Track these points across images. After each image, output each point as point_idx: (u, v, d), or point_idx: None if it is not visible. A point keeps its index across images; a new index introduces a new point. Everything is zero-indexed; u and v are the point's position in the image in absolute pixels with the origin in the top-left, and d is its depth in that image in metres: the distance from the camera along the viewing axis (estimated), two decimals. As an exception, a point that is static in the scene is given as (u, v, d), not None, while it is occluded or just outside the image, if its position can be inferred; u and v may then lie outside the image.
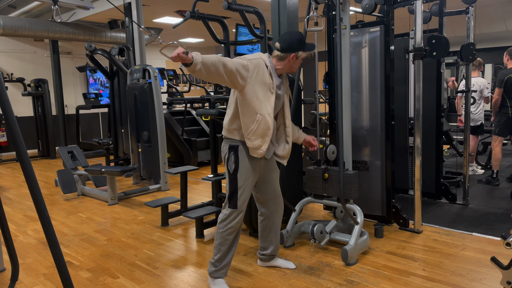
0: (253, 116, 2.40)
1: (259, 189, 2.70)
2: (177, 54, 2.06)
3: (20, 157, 1.38)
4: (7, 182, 6.38)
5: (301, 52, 2.50)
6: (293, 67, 2.55)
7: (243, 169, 2.48)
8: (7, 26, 7.57)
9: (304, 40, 2.54)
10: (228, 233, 2.52)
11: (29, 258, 3.24)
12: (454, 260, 2.96)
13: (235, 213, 2.50)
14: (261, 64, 2.41)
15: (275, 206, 2.75)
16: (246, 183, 2.49)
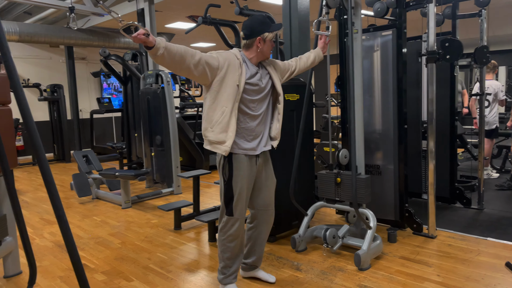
0: (220, 108, 2.31)
1: (251, 197, 2.60)
2: (136, 34, 1.95)
3: (40, 163, 1.41)
4: (24, 186, 6.50)
5: (267, 34, 2.39)
6: (265, 52, 2.43)
7: (238, 177, 2.41)
8: (23, 33, 7.74)
9: (268, 22, 2.42)
10: (228, 241, 2.48)
11: (46, 261, 3.30)
12: (469, 265, 2.92)
13: (232, 221, 2.45)
14: (230, 56, 2.34)
15: (264, 216, 2.63)
16: (241, 190, 2.42)
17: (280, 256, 3.20)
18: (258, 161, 2.50)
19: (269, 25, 2.40)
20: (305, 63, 2.81)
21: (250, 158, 2.45)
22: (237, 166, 2.40)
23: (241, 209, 2.45)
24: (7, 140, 2.63)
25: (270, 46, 2.44)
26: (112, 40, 9.03)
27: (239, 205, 2.43)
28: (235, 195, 2.41)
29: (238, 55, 2.39)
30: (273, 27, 2.41)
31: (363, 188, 3.10)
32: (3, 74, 2.74)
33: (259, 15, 2.45)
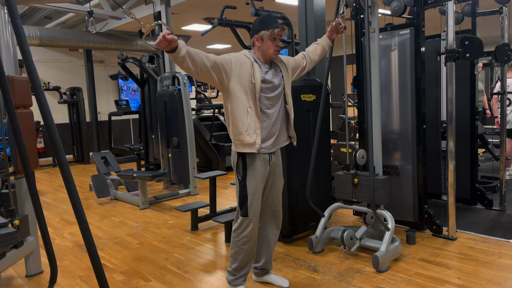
0: (244, 110, 2.32)
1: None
2: (162, 36, 1.92)
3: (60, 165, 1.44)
4: (45, 187, 6.64)
5: (263, 32, 2.35)
6: (265, 50, 2.39)
7: (252, 175, 2.41)
8: (43, 37, 7.92)
9: (267, 20, 2.37)
10: (243, 242, 2.46)
11: (66, 261, 3.36)
12: (490, 268, 2.86)
13: (246, 221, 2.43)
14: (241, 57, 2.35)
15: (270, 216, 2.62)
16: (255, 190, 2.42)
17: (297, 258, 3.18)
18: (271, 160, 2.49)
19: (267, 23, 2.35)
20: (313, 57, 2.77)
21: (264, 157, 2.44)
22: (251, 165, 2.40)
23: (256, 210, 2.44)
24: (28, 142, 2.69)
25: (271, 45, 2.38)
26: (130, 43, 9.16)
27: (253, 205, 2.42)
28: (249, 194, 2.41)
29: (248, 54, 2.39)
30: (269, 24, 2.35)
31: (381, 189, 3.06)
32: (25, 77, 2.80)
33: (262, 15, 2.42)
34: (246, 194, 2.41)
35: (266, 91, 2.39)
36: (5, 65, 2.82)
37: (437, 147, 4.21)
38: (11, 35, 2.90)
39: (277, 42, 2.38)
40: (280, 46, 2.42)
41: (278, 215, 2.65)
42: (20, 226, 2.72)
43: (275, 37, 2.36)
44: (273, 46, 2.37)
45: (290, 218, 3.41)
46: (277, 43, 2.38)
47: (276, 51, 2.40)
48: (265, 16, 2.40)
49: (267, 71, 2.42)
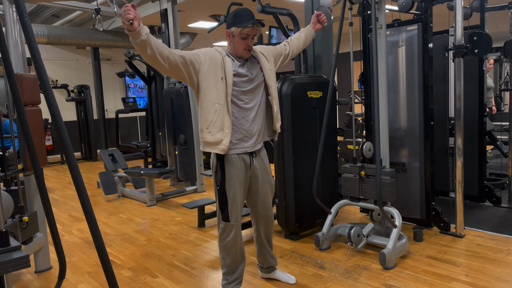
0: (211, 106, 2.21)
1: (249, 201, 2.53)
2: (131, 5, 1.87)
3: (69, 161, 1.45)
4: (53, 184, 6.70)
5: (234, 28, 2.21)
6: (236, 47, 2.26)
7: (230, 181, 2.30)
8: (51, 35, 7.97)
9: (242, 15, 2.21)
10: (228, 248, 2.40)
11: (74, 257, 3.40)
12: (499, 265, 2.84)
13: (229, 227, 2.36)
14: (211, 52, 2.24)
15: (263, 220, 2.55)
16: (235, 195, 2.32)
17: (303, 254, 3.19)
18: (252, 163, 2.38)
19: (240, 19, 2.21)
20: (297, 44, 2.68)
21: (244, 161, 2.34)
22: (229, 170, 2.30)
23: (237, 215, 2.35)
24: (37, 140, 2.72)
25: (241, 43, 2.24)
26: (136, 40, 9.17)
27: (234, 210, 2.33)
28: (229, 200, 2.32)
29: (220, 49, 2.29)
30: (241, 21, 2.20)
31: (388, 186, 3.05)
32: (33, 75, 2.83)
33: (240, 9, 2.25)
34: (226, 200, 2.32)
35: (241, 84, 2.28)
36: (14, 63, 2.85)
37: (445, 144, 4.18)
38: (19, 33, 2.93)
39: (248, 42, 2.24)
40: (251, 46, 2.28)
41: (270, 218, 2.58)
42: (29, 222, 2.75)
43: (245, 36, 2.22)
44: (244, 44, 2.24)
45: (296, 215, 3.41)
46: (248, 42, 2.24)
47: (247, 50, 2.27)
48: (240, 11, 2.24)
49: (240, 64, 2.31)
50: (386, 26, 3.17)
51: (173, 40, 6.69)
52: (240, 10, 2.24)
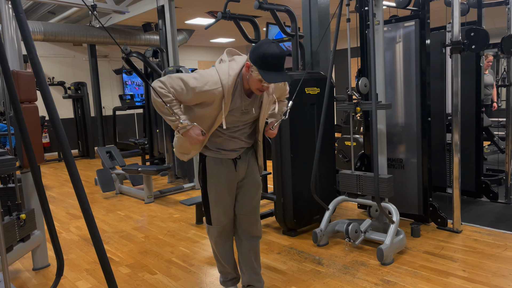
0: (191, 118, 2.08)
1: None
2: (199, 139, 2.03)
3: (66, 159, 1.45)
4: (50, 181, 6.69)
5: (255, 69, 1.92)
6: (250, 83, 2.00)
7: (211, 183, 2.20)
8: (47, 32, 7.92)
9: (268, 61, 1.89)
10: (216, 249, 2.34)
11: (72, 254, 3.40)
12: (496, 260, 2.85)
13: (211, 230, 2.28)
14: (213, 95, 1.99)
15: (245, 223, 2.32)
16: (216, 198, 2.21)
17: (301, 251, 3.19)
18: (237, 166, 2.22)
19: (266, 65, 1.90)
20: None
21: (227, 163, 2.20)
22: (211, 172, 2.20)
23: (219, 217, 2.24)
24: (34, 137, 2.71)
25: (258, 84, 1.98)
26: (133, 37, 9.15)
27: (215, 213, 2.24)
28: (210, 203, 2.24)
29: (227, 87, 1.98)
30: (265, 66, 1.90)
31: (386, 182, 3.05)
32: (30, 72, 2.81)
33: (274, 46, 1.91)
34: (207, 202, 2.25)
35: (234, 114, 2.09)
36: (10, 60, 2.83)
37: (442, 140, 4.20)
38: (15, 30, 2.91)
39: (264, 87, 2.00)
40: (267, 90, 2.07)
41: (255, 222, 2.34)
42: (26, 220, 2.74)
43: (265, 84, 1.98)
44: (259, 86, 1.99)
45: (294, 211, 3.42)
46: (264, 88, 2.00)
47: (260, 91, 2.02)
48: (270, 54, 1.90)
49: (245, 99, 2.09)
50: (383, 22, 3.17)
51: (170, 37, 6.67)
52: (271, 53, 1.89)
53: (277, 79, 1.93)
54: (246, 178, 2.30)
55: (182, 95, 2.00)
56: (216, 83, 1.98)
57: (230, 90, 2.00)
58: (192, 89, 1.98)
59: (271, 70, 1.92)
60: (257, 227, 2.36)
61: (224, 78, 1.99)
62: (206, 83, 1.98)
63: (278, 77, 1.93)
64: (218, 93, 1.99)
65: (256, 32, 4.00)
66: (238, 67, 2.04)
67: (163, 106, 1.99)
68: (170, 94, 1.99)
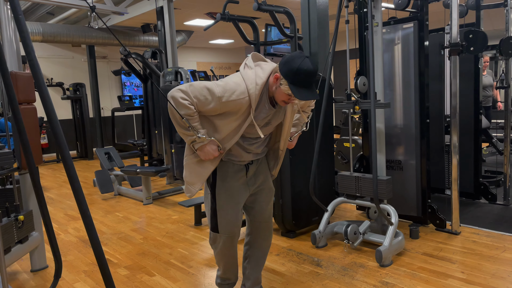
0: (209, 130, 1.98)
1: (245, 207, 2.26)
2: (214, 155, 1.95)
3: (64, 160, 1.44)
4: (49, 183, 6.67)
5: (285, 82, 1.84)
6: (276, 95, 1.93)
7: (222, 187, 2.08)
8: (46, 33, 7.92)
9: (302, 78, 1.83)
10: (219, 258, 2.22)
11: (70, 256, 3.39)
12: (494, 262, 2.85)
13: (218, 238, 2.13)
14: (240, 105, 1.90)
15: (259, 231, 2.28)
16: (225, 203, 2.08)
17: (300, 252, 3.19)
18: (248, 170, 2.14)
19: (298, 80, 1.83)
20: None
21: (239, 167, 2.11)
22: (221, 176, 2.08)
23: (227, 225, 2.10)
24: (32, 138, 2.70)
25: (285, 97, 1.90)
26: (132, 38, 9.15)
27: (224, 220, 2.09)
28: (218, 208, 2.09)
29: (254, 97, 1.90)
30: (295, 81, 1.83)
31: (385, 183, 3.06)
32: (28, 73, 2.81)
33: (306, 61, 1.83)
34: (215, 207, 2.10)
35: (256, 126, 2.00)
36: (8, 61, 2.83)
37: (440, 142, 4.20)
38: (14, 31, 2.91)
39: (291, 100, 1.93)
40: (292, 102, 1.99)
41: (269, 229, 2.31)
42: (25, 221, 2.74)
43: (292, 98, 1.90)
44: (286, 99, 1.92)
45: (293, 212, 3.42)
46: (290, 101, 1.93)
47: (285, 103, 1.95)
48: (303, 70, 1.82)
49: (269, 110, 2.02)
50: (382, 24, 3.18)
51: (169, 38, 6.67)
52: (305, 70, 1.82)
53: (308, 96, 1.86)
54: (262, 185, 2.22)
55: (205, 105, 1.87)
56: (243, 93, 1.88)
57: (257, 100, 1.91)
58: (219, 99, 1.86)
59: (303, 87, 1.85)
60: (271, 234, 2.34)
61: (251, 88, 1.89)
62: (233, 92, 1.87)
63: (309, 94, 1.86)
64: (245, 103, 1.89)
65: (255, 33, 4.00)
66: (265, 75, 1.94)
67: (181, 119, 1.87)
68: (193, 106, 1.86)
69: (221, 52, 13.53)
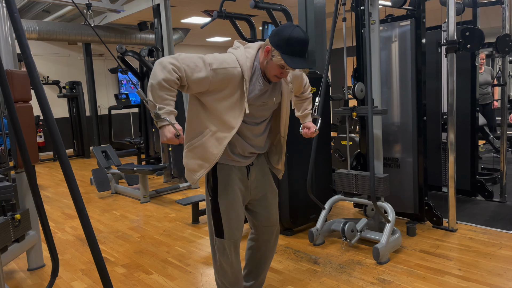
0: (201, 127, 1.90)
1: (251, 212, 2.17)
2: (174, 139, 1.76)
3: (60, 159, 1.44)
4: (45, 181, 6.65)
5: (277, 53, 1.78)
6: (268, 69, 1.86)
7: (224, 191, 1.98)
8: (42, 31, 7.88)
9: (295, 47, 1.78)
10: (222, 268, 2.08)
11: (67, 254, 3.38)
12: (491, 259, 2.87)
13: (223, 243, 2.01)
14: (230, 75, 1.82)
15: (266, 235, 2.19)
16: (229, 208, 1.99)
17: (297, 250, 3.20)
18: (250, 174, 2.07)
19: (291, 49, 1.78)
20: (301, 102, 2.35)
21: (240, 170, 2.04)
22: (222, 180, 1.99)
23: (231, 230, 2.01)
24: (28, 137, 2.69)
25: (277, 70, 1.84)
26: (129, 36, 9.12)
27: (229, 225, 2.00)
28: (222, 214, 1.99)
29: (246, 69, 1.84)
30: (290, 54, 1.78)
31: (382, 181, 3.06)
32: (24, 71, 2.79)
33: (295, 30, 1.79)
34: (218, 213, 2.00)
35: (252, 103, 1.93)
36: (3, 59, 2.81)
37: (437, 139, 4.21)
38: (9, 29, 2.89)
39: (284, 74, 1.87)
40: (285, 77, 1.93)
41: (276, 232, 2.23)
42: (21, 220, 2.72)
43: (285, 70, 1.85)
44: (278, 72, 1.86)
45: (290, 210, 3.42)
46: (283, 74, 1.88)
47: (277, 77, 1.90)
48: (295, 38, 1.77)
49: (265, 91, 1.94)
50: (379, 22, 3.17)
51: (165, 36, 6.64)
52: (296, 37, 1.78)
53: (302, 64, 1.81)
54: (265, 188, 2.15)
55: (195, 71, 1.76)
56: (234, 62, 1.83)
57: (249, 73, 1.85)
58: (209, 65, 1.78)
59: (296, 55, 1.79)
60: (278, 236, 2.27)
61: (242, 59, 1.84)
62: (224, 61, 1.82)
63: (303, 63, 1.81)
64: (238, 73, 1.82)
65: (252, 31, 3.99)
66: (253, 50, 1.90)
67: (162, 87, 1.73)
68: (176, 75, 1.74)
69: (218, 50, 13.50)
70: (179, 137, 1.75)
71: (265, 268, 2.29)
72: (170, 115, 1.76)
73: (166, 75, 1.73)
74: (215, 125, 1.88)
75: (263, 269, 2.28)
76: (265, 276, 2.33)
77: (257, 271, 2.28)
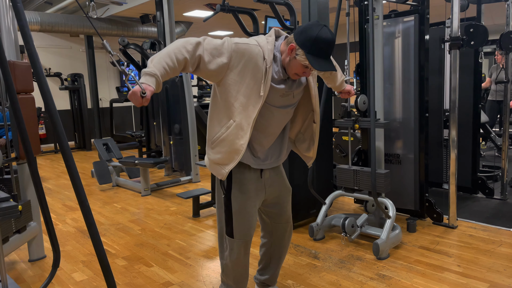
0: (225, 120, 1.84)
1: (264, 210, 2.16)
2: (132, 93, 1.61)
3: (63, 150, 1.44)
4: (47, 173, 6.66)
5: (301, 52, 1.71)
6: (290, 67, 1.79)
7: (237, 191, 1.95)
8: (44, 23, 7.86)
9: (322, 48, 1.71)
10: (229, 267, 2.06)
11: (68, 246, 3.39)
12: (490, 256, 2.87)
13: (233, 243, 1.99)
14: (252, 54, 1.75)
15: (280, 231, 2.19)
16: (242, 207, 1.95)
17: (298, 244, 3.21)
18: (263, 173, 2.03)
19: (317, 50, 1.71)
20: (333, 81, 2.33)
21: (254, 170, 2.00)
22: (237, 178, 1.95)
23: (243, 230, 1.98)
24: (30, 128, 2.69)
25: (299, 69, 1.78)
26: (131, 29, 9.09)
27: (240, 225, 1.97)
28: (234, 212, 1.96)
29: (266, 50, 1.77)
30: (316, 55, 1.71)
31: (383, 177, 3.06)
32: (26, 63, 2.79)
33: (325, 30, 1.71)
34: (230, 211, 1.96)
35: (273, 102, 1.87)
36: (6, 50, 2.81)
37: (439, 136, 4.20)
38: (12, 20, 2.88)
39: (306, 73, 1.80)
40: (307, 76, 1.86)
41: (290, 229, 2.23)
42: (23, 211, 2.73)
43: (308, 70, 1.78)
44: (300, 71, 1.79)
45: (291, 205, 3.42)
46: (306, 73, 1.81)
47: (298, 75, 1.83)
48: (323, 39, 1.70)
49: (284, 80, 1.86)
50: (383, 17, 3.16)
51: (168, 29, 6.62)
52: (324, 38, 1.70)
53: (327, 67, 1.73)
54: (280, 186, 2.13)
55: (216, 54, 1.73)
56: (254, 42, 1.78)
57: (270, 54, 1.77)
58: (230, 40, 1.75)
59: (321, 57, 1.72)
60: (291, 233, 2.27)
61: (262, 42, 1.78)
62: (244, 39, 1.79)
63: (328, 65, 1.73)
64: (259, 52, 1.75)
65: (255, 25, 3.97)
66: (273, 37, 1.84)
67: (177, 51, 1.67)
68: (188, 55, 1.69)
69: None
70: (145, 95, 1.59)
71: (279, 263, 2.30)
72: (148, 76, 1.65)
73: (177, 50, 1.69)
74: (238, 113, 1.80)
75: (278, 264, 2.29)
76: (279, 271, 2.35)
77: (271, 266, 2.29)
